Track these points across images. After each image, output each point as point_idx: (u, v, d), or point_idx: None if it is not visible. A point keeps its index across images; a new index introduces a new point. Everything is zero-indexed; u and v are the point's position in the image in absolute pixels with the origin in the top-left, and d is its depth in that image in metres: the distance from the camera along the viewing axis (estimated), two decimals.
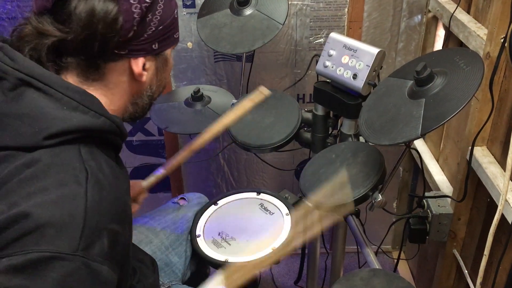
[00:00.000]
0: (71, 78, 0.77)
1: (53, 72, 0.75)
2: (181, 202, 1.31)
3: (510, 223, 1.01)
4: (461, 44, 1.33)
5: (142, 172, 1.88)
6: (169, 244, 1.22)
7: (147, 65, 0.81)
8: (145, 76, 0.82)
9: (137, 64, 0.79)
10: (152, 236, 1.21)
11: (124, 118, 0.86)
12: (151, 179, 1.18)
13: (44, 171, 0.67)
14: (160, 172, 1.17)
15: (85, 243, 0.64)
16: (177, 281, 1.20)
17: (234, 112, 1.14)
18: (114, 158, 0.80)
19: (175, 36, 0.86)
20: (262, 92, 1.14)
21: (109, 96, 0.80)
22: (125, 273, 0.79)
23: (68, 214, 0.65)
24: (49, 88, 0.71)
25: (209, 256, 1.15)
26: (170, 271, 1.20)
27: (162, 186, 1.91)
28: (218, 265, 1.13)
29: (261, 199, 1.32)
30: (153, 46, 0.81)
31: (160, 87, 0.89)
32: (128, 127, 1.79)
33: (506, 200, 1.02)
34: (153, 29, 0.79)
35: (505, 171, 1.01)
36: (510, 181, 1.01)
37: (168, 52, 0.86)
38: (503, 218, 1.05)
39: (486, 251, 1.10)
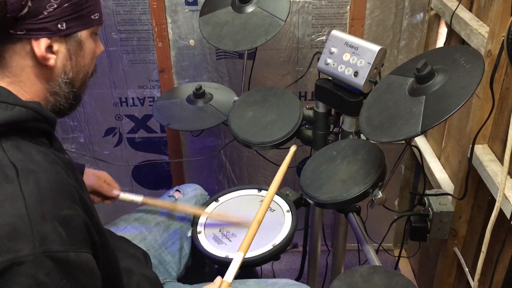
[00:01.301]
0: None
1: None
2: (176, 195, 1.31)
3: (508, 218, 1.01)
4: (463, 42, 1.33)
5: (145, 169, 1.88)
6: (162, 243, 1.21)
7: (55, 48, 0.75)
8: (53, 60, 0.75)
9: (39, 45, 0.72)
10: (146, 232, 1.21)
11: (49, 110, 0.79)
12: (126, 196, 1.23)
13: None
14: (137, 199, 1.24)
15: (39, 238, 0.62)
16: (172, 279, 1.19)
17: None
18: (47, 144, 0.75)
19: (92, 17, 0.79)
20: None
21: (19, 84, 0.74)
22: (106, 249, 0.77)
23: (11, 217, 0.62)
24: None
25: (209, 253, 1.16)
26: (163, 269, 1.19)
27: (164, 183, 1.91)
28: (218, 261, 1.14)
29: (262, 196, 1.33)
30: (59, 26, 0.74)
31: (79, 73, 0.81)
32: (130, 124, 1.80)
33: (504, 195, 1.02)
34: (55, 6, 0.72)
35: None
36: (508, 177, 1.01)
37: (84, 34, 0.79)
38: (502, 215, 1.05)
39: (484, 248, 1.10)
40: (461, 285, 1.41)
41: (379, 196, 1.06)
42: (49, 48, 0.75)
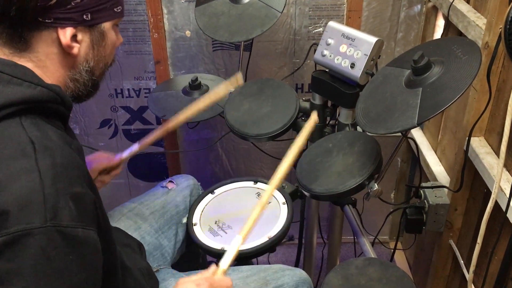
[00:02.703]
0: (0, 50, 0.75)
1: None
2: (170, 185, 1.31)
3: (504, 211, 1.01)
4: (460, 34, 1.32)
5: (141, 161, 1.88)
6: (158, 228, 1.22)
7: (79, 37, 0.78)
8: (77, 49, 0.79)
9: (65, 34, 0.76)
10: (140, 222, 1.21)
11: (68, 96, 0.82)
12: (125, 154, 1.20)
13: None
14: (135, 148, 1.19)
15: (51, 212, 0.64)
16: (166, 265, 1.20)
17: (209, 97, 1.16)
18: (62, 128, 0.79)
19: (115, 9, 0.83)
20: (238, 80, 1.16)
21: (42, 69, 0.77)
22: (108, 233, 0.79)
23: (26, 189, 0.64)
24: None
25: (205, 245, 1.16)
26: (159, 255, 1.20)
27: (160, 175, 1.91)
28: (214, 253, 1.14)
29: (258, 188, 1.32)
30: (84, 16, 0.77)
31: (100, 63, 0.85)
32: (126, 116, 1.79)
33: (500, 187, 1.02)
34: None
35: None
36: (504, 169, 1.01)
37: (107, 26, 0.82)
38: (497, 207, 1.05)
39: (479, 239, 1.10)
40: (456, 277, 1.41)
41: (375, 188, 1.06)
42: (74, 37, 0.78)
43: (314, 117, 1.05)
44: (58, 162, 0.68)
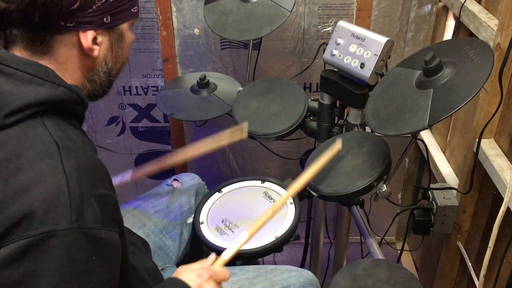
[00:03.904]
0: (19, 52, 0.75)
1: (1, 46, 0.74)
2: (175, 184, 1.31)
3: None
4: (471, 34, 1.31)
5: (148, 158, 1.88)
6: (163, 228, 1.22)
7: (99, 39, 0.79)
8: (97, 51, 0.79)
9: (86, 37, 0.77)
10: (145, 220, 1.21)
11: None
12: (115, 183, 1.21)
13: (14, 152, 0.66)
14: (127, 177, 1.21)
15: (77, 213, 0.64)
16: (171, 264, 1.20)
17: (211, 142, 1.17)
18: (78, 128, 0.79)
19: (132, 10, 0.84)
20: (243, 131, 1.18)
21: (61, 71, 0.77)
22: (123, 233, 0.80)
23: (52, 191, 0.64)
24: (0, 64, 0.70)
25: (212, 243, 1.15)
26: (163, 254, 1.20)
27: (166, 173, 1.91)
28: (221, 252, 1.13)
29: (265, 187, 1.32)
30: (104, 19, 0.78)
31: (117, 63, 0.86)
32: (134, 113, 1.79)
33: None
34: (103, 0, 0.77)
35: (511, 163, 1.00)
36: None
37: (125, 26, 0.83)
38: (508, 211, 1.04)
39: (491, 243, 1.09)
40: (464, 279, 1.40)
41: (384, 190, 1.05)
42: (94, 40, 0.78)
43: (338, 146, 1.08)
44: (82, 163, 0.68)
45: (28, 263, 0.62)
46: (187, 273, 0.83)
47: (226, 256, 0.87)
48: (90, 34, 0.77)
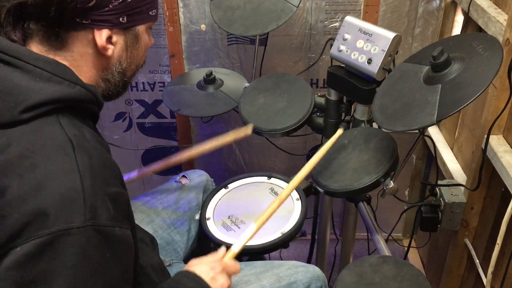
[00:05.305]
0: (36, 47, 0.76)
1: (20, 40, 0.75)
2: (183, 180, 1.31)
3: None
4: (480, 30, 1.30)
5: (154, 154, 1.88)
6: (171, 223, 1.23)
7: (114, 39, 0.79)
8: (111, 50, 0.79)
9: (101, 36, 0.77)
10: (153, 216, 1.22)
11: None
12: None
13: (30, 148, 0.67)
14: (133, 175, 1.22)
15: (91, 212, 0.65)
16: (179, 260, 1.20)
17: (216, 142, 1.17)
18: (92, 127, 0.80)
19: (150, 13, 0.84)
20: (247, 131, 1.18)
21: (76, 68, 0.77)
22: (134, 230, 0.80)
23: (66, 189, 0.64)
24: (18, 60, 0.70)
25: (218, 239, 1.15)
26: (171, 249, 1.20)
27: (173, 168, 1.91)
28: (227, 248, 1.14)
29: (272, 183, 1.32)
30: (121, 19, 0.78)
31: (132, 64, 0.86)
32: (140, 109, 1.79)
33: None
34: (120, 0, 0.76)
35: None
36: None
37: (141, 28, 0.83)
38: None
39: (499, 240, 1.08)
40: (471, 276, 1.40)
41: (391, 186, 1.04)
42: (109, 39, 0.78)
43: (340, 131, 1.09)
44: (95, 162, 0.69)
45: (43, 262, 0.62)
46: (200, 266, 0.83)
47: (236, 248, 0.87)
48: (105, 32, 0.77)
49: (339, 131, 1.12)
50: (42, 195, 0.63)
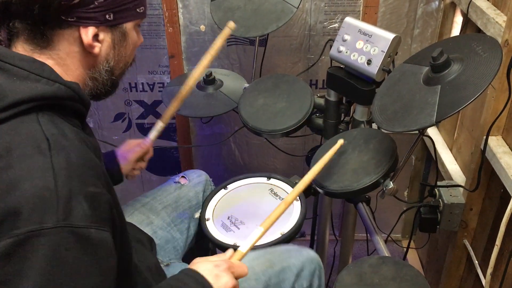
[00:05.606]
0: (21, 46, 0.75)
1: (5, 40, 0.74)
2: (182, 181, 1.31)
3: None
4: (479, 31, 1.30)
5: (154, 155, 1.88)
6: (171, 221, 1.22)
7: (101, 37, 0.78)
8: (98, 48, 0.79)
9: (87, 33, 0.76)
10: (153, 217, 1.21)
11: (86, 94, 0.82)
12: (154, 134, 1.20)
13: (5, 147, 0.65)
14: (160, 125, 1.19)
15: (64, 212, 0.63)
16: (177, 259, 1.20)
17: (210, 53, 1.14)
18: (79, 126, 0.78)
19: (138, 10, 0.83)
20: (229, 27, 1.15)
21: (63, 66, 0.77)
22: (125, 234, 0.78)
23: (39, 188, 0.63)
24: None
25: (218, 240, 1.15)
26: (171, 248, 1.20)
27: (172, 169, 1.91)
28: (226, 248, 1.13)
29: (271, 184, 1.32)
30: (107, 16, 0.77)
31: (120, 63, 0.85)
32: (140, 110, 1.79)
33: None
34: None
35: None
36: None
37: (129, 26, 0.82)
38: None
39: (498, 242, 1.08)
40: (470, 277, 1.40)
41: (390, 187, 1.05)
42: (95, 37, 0.78)
43: (340, 141, 1.08)
44: (73, 161, 0.67)
45: (13, 263, 0.60)
46: (203, 264, 0.82)
47: (243, 249, 0.87)
48: (91, 30, 0.76)
49: (340, 142, 1.10)
50: (15, 194, 0.62)
